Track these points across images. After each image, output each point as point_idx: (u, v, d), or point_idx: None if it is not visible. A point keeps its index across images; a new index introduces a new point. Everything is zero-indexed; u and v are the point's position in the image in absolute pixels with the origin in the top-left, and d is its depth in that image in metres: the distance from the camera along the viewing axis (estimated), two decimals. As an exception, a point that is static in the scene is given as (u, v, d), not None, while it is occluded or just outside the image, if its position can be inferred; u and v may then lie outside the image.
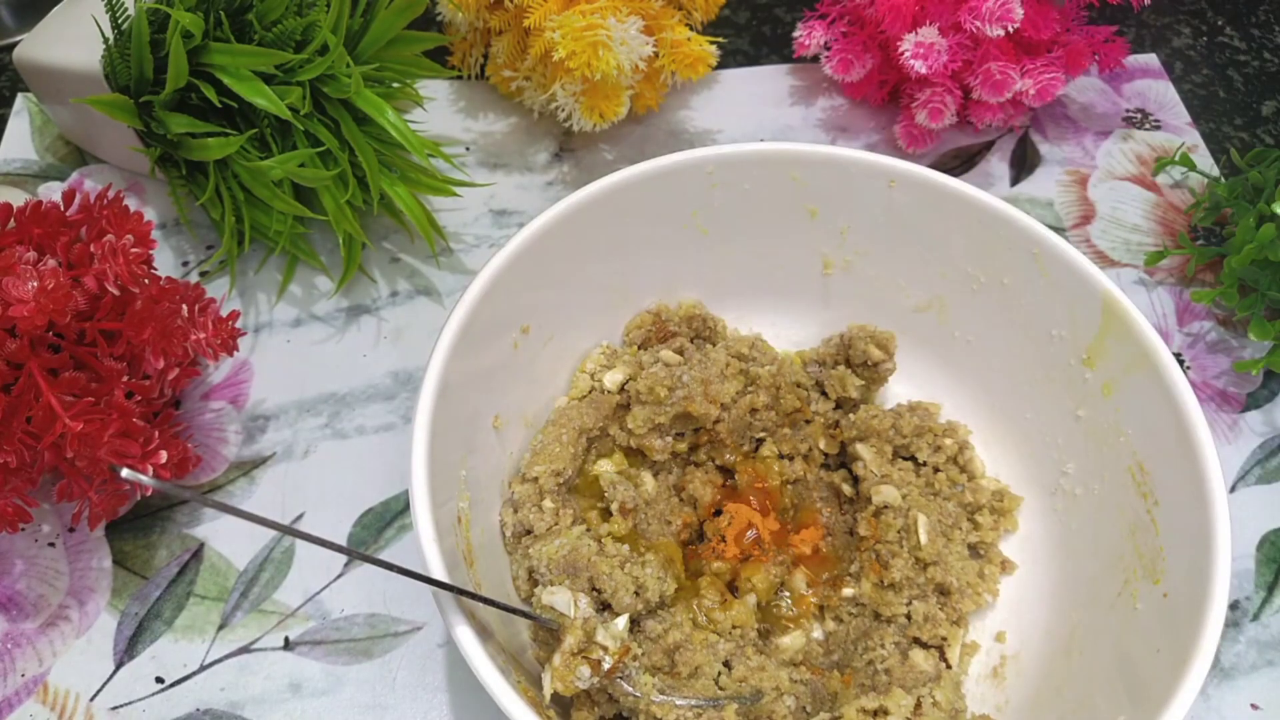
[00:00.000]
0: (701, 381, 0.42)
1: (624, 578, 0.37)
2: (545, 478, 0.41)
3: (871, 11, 0.57)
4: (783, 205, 0.46)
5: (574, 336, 0.46)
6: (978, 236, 0.43)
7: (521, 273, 0.41)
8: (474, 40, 0.61)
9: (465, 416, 0.39)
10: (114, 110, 0.47)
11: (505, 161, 0.60)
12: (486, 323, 0.39)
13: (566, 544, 0.38)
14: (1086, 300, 0.41)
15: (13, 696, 0.41)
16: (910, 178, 0.43)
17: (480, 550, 0.38)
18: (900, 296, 0.47)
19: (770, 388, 0.43)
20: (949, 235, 0.44)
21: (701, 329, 0.47)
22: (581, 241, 0.43)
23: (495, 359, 0.41)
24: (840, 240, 0.46)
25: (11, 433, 0.39)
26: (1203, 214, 0.57)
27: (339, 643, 0.43)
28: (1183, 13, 0.71)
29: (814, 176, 0.44)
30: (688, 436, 0.44)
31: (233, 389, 0.50)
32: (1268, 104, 0.65)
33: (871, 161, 0.44)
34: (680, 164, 0.44)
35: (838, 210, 0.45)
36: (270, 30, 0.47)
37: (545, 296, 0.43)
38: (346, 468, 0.48)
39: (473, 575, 0.37)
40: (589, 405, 0.43)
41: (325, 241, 0.55)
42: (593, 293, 0.45)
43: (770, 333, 0.48)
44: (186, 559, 0.45)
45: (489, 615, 0.35)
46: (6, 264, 0.38)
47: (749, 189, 0.45)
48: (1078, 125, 0.64)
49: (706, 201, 0.45)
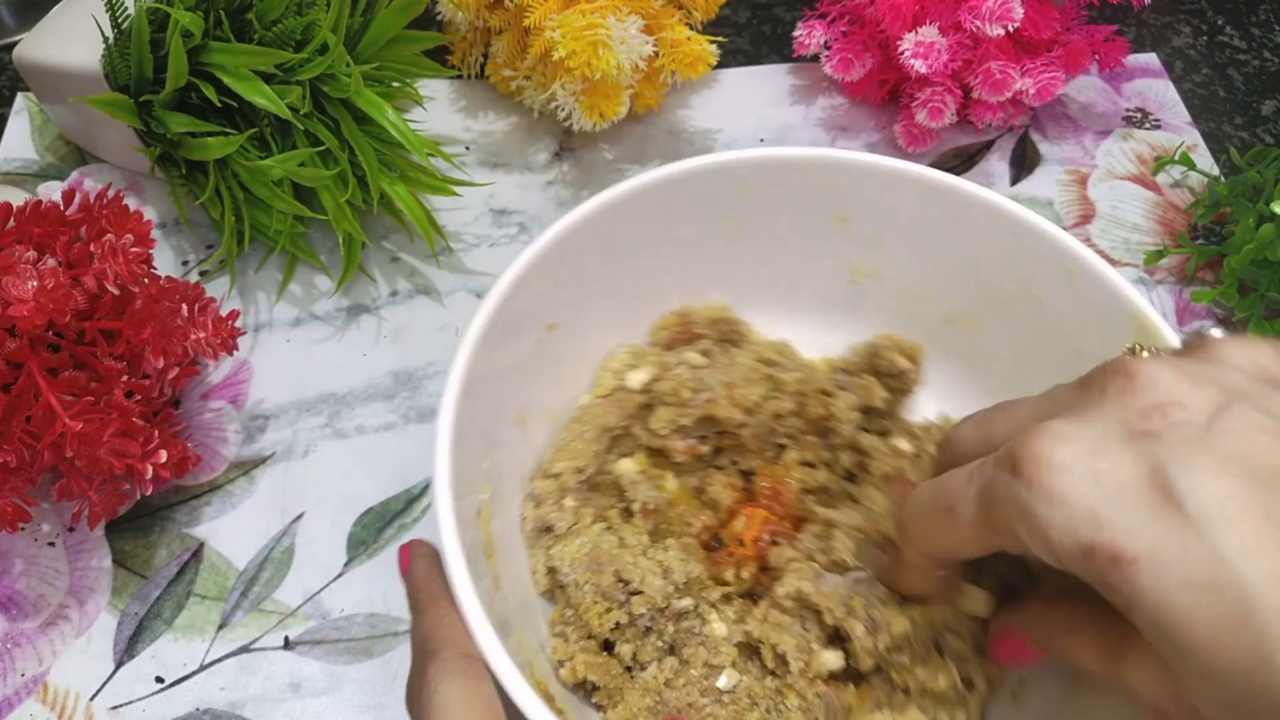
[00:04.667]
0: (726, 385, 0.42)
1: (649, 563, 0.37)
2: (567, 474, 0.41)
3: (871, 11, 0.57)
4: (814, 211, 0.45)
5: (599, 335, 0.45)
6: (1010, 249, 0.42)
7: (549, 269, 0.40)
8: (474, 40, 0.61)
9: (489, 410, 0.39)
10: (114, 110, 0.47)
11: (505, 161, 0.60)
12: (513, 318, 0.39)
13: (588, 542, 0.38)
14: (1117, 317, 0.40)
15: (12, 696, 0.42)
16: (942, 187, 0.42)
17: (500, 543, 0.38)
18: (929, 307, 0.46)
19: (795, 394, 0.43)
20: (980, 247, 0.43)
21: (728, 332, 0.46)
22: (611, 241, 0.42)
23: (521, 354, 0.41)
24: (870, 248, 0.46)
25: (11, 432, 0.39)
26: (1202, 212, 0.57)
27: (339, 642, 0.43)
28: (1183, 12, 0.71)
29: (847, 183, 0.44)
30: (711, 439, 0.43)
31: (232, 388, 0.50)
32: (1268, 104, 0.65)
33: (904, 170, 0.43)
34: (712, 166, 0.43)
35: (869, 218, 0.45)
36: (270, 30, 0.47)
37: (572, 294, 0.42)
38: (346, 467, 0.48)
39: (491, 567, 0.36)
40: (612, 404, 0.43)
41: (325, 241, 0.55)
42: (620, 292, 0.45)
43: (797, 339, 0.47)
44: (186, 558, 0.45)
45: (508, 609, 0.36)
46: (6, 263, 0.38)
47: (781, 193, 0.44)
48: (1078, 125, 0.64)
49: (737, 205, 0.44)
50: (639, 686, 0.37)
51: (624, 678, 0.37)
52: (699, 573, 0.38)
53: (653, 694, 0.37)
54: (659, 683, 0.37)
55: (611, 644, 0.38)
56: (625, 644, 0.37)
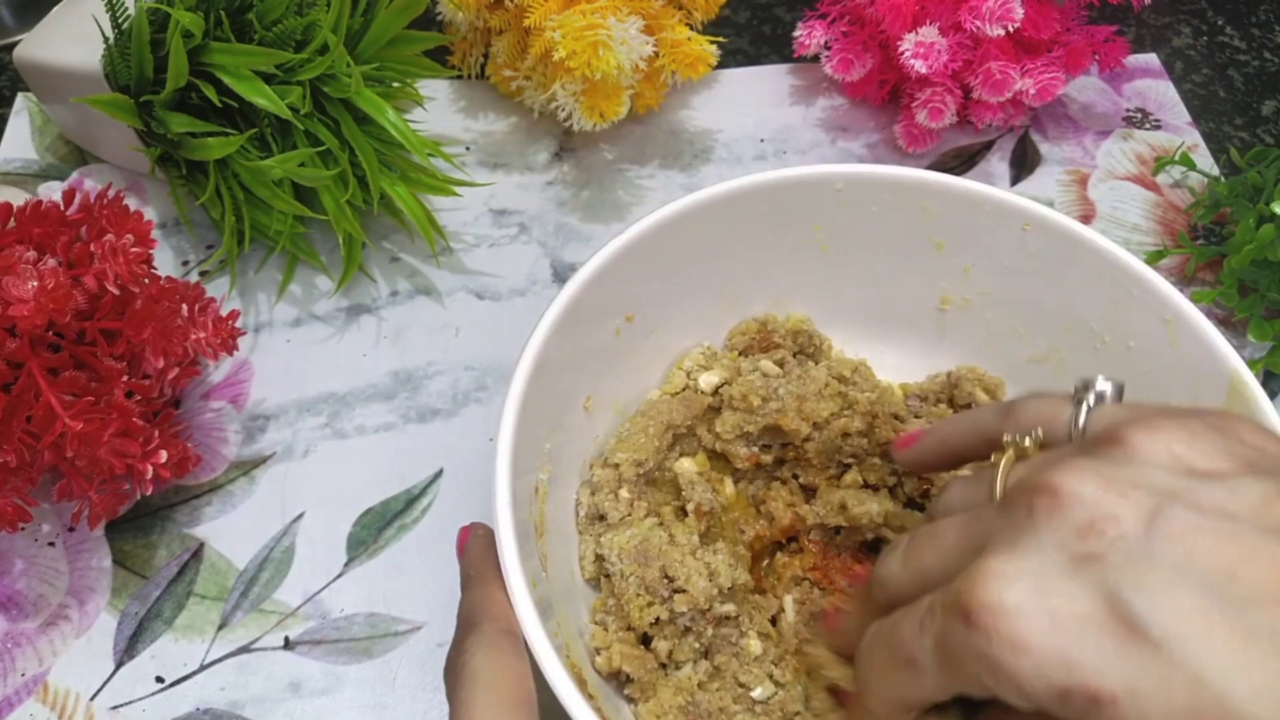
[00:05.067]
0: (797, 397, 0.41)
1: (695, 563, 0.37)
2: (626, 466, 0.41)
3: (871, 11, 0.57)
4: (908, 233, 0.44)
5: (676, 332, 0.45)
6: (1109, 294, 0.41)
7: (636, 261, 0.40)
8: (474, 40, 0.61)
9: (558, 393, 0.39)
10: (114, 110, 0.48)
11: (505, 161, 0.60)
12: (593, 304, 0.39)
13: (638, 534, 0.38)
14: (1213, 376, 0.39)
15: (13, 696, 0.42)
16: (1046, 223, 0.41)
17: (552, 524, 0.38)
18: (1016, 344, 0.45)
19: (866, 414, 0.42)
20: (1078, 288, 0.42)
21: (806, 345, 0.46)
22: (699, 240, 0.42)
23: (596, 341, 0.41)
24: (963, 277, 0.45)
25: (11, 432, 0.39)
26: (1202, 212, 0.57)
27: (339, 642, 0.43)
28: (1183, 13, 0.71)
29: (946, 208, 0.43)
30: (774, 449, 0.43)
31: (233, 388, 0.50)
32: (1268, 104, 0.65)
33: (1009, 201, 0.42)
34: (810, 177, 0.43)
35: (965, 246, 0.44)
36: (270, 30, 0.47)
37: (654, 288, 0.42)
38: (346, 467, 0.48)
39: (540, 546, 0.37)
40: (680, 402, 0.43)
41: (325, 241, 0.55)
42: (701, 292, 0.45)
43: (876, 360, 0.46)
44: (186, 558, 0.45)
45: (552, 590, 0.36)
46: (6, 263, 0.38)
47: (876, 211, 0.44)
48: (1078, 125, 0.64)
49: (831, 218, 0.44)
50: (672, 684, 0.37)
51: (658, 674, 0.37)
52: (745, 580, 0.38)
53: (685, 694, 0.37)
54: (693, 683, 0.37)
55: (649, 638, 0.38)
56: (663, 640, 0.37)
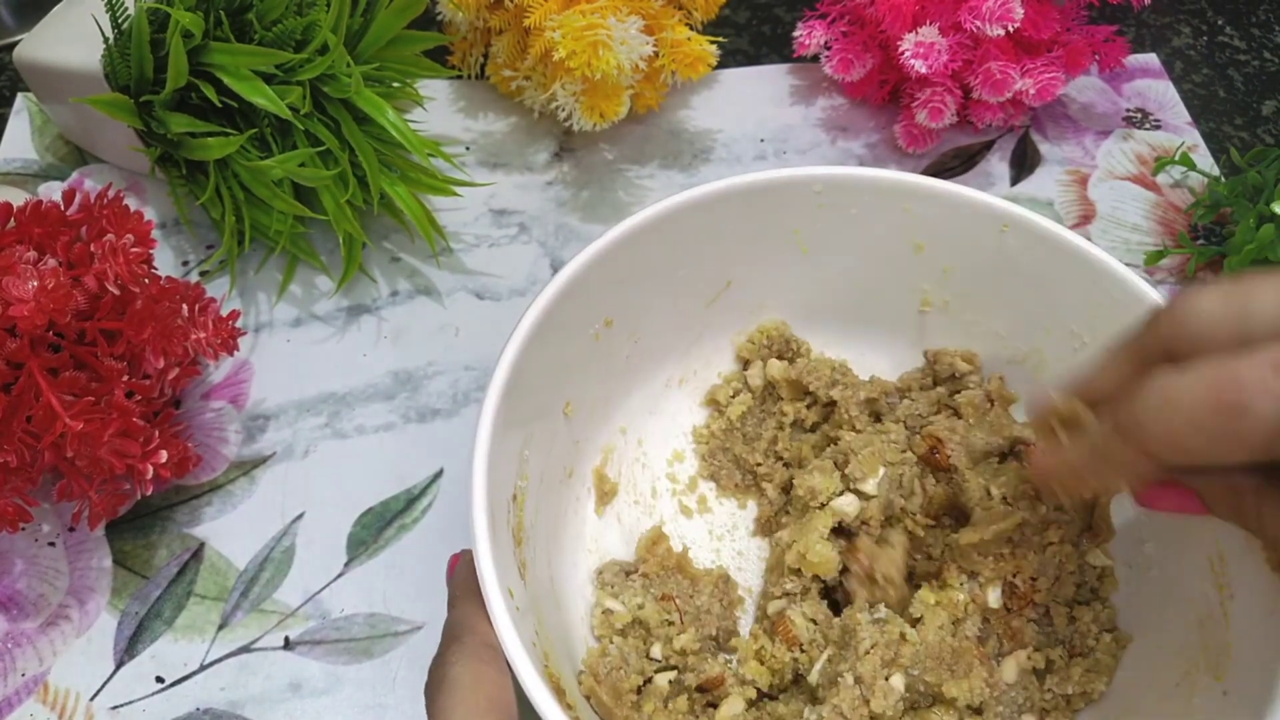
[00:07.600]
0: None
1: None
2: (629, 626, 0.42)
3: (871, 11, 0.57)
4: (888, 235, 0.44)
5: (656, 337, 0.45)
6: (1089, 296, 0.41)
7: (613, 265, 0.40)
8: (474, 40, 0.61)
9: (537, 400, 0.39)
10: (114, 110, 0.48)
11: (505, 161, 0.60)
12: (571, 310, 0.39)
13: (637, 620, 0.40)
14: None
15: (13, 696, 0.42)
16: (1025, 225, 0.41)
17: (531, 529, 0.38)
18: (997, 345, 0.45)
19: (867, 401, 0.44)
20: (1058, 290, 0.42)
21: (784, 350, 0.47)
22: (677, 244, 0.42)
23: (574, 347, 0.41)
24: (943, 278, 0.45)
25: (11, 432, 0.39)
26: (1203, 212, 0.57)
27: (339, 642, 0.43)
28: (1183, 13, 0.71)
29: (926, 210, 0.43)
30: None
31: (233, 389, 0.50)
32: (1268, 104, 0.65)
33: (988, 203, 0.42)
34: (788, 180, 0.43)
35: (945, 248, 0.44)
36: (270, 30, 0.47)
37: (632, 293, 0.42)
38: (346, 467, 0.48)
39: (519, 554, 0.36)
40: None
41: (325, 241, 0.55)
42: (681, 296, 0.45)
43: (857, 361, 0.47)
44: (186, 559, 0.45)
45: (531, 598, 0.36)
46: (6, 264, 0.38)
47: (855, 214, 0.44)
48: (1078, 125, 0.64)
49: (810, 220, 0.44)
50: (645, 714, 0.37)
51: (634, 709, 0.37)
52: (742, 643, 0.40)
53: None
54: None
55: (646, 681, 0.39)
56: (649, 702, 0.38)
